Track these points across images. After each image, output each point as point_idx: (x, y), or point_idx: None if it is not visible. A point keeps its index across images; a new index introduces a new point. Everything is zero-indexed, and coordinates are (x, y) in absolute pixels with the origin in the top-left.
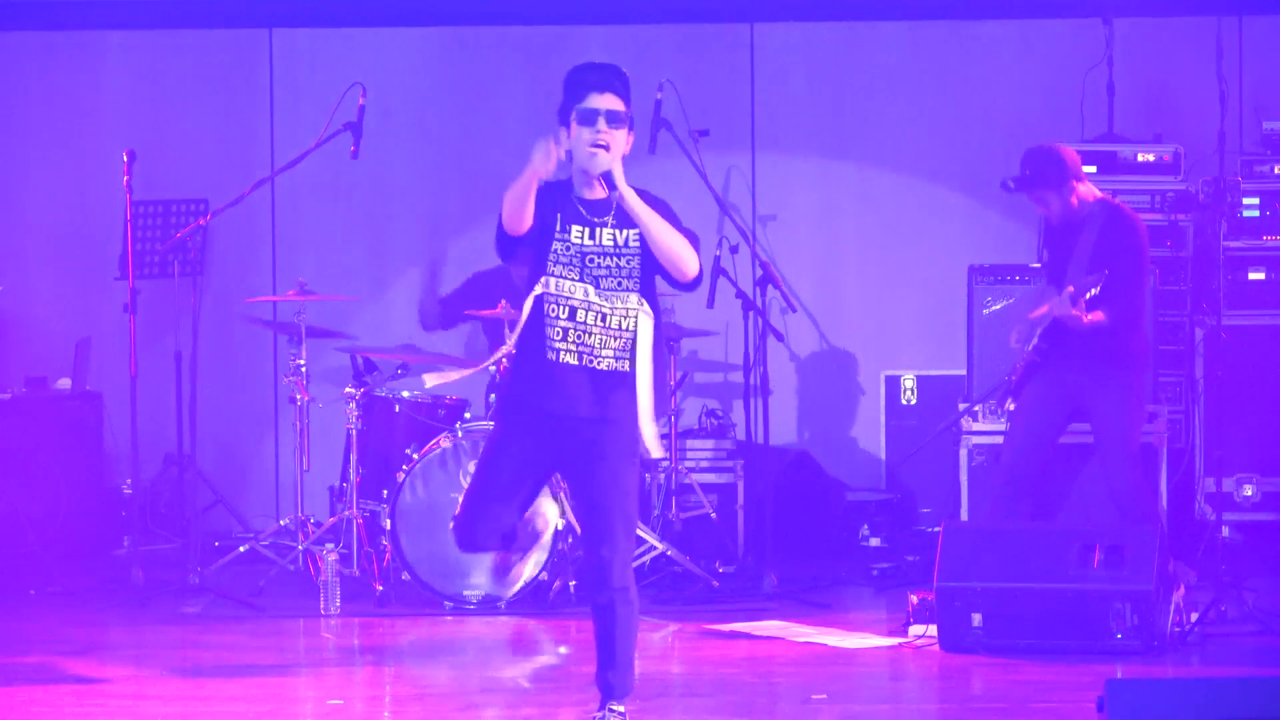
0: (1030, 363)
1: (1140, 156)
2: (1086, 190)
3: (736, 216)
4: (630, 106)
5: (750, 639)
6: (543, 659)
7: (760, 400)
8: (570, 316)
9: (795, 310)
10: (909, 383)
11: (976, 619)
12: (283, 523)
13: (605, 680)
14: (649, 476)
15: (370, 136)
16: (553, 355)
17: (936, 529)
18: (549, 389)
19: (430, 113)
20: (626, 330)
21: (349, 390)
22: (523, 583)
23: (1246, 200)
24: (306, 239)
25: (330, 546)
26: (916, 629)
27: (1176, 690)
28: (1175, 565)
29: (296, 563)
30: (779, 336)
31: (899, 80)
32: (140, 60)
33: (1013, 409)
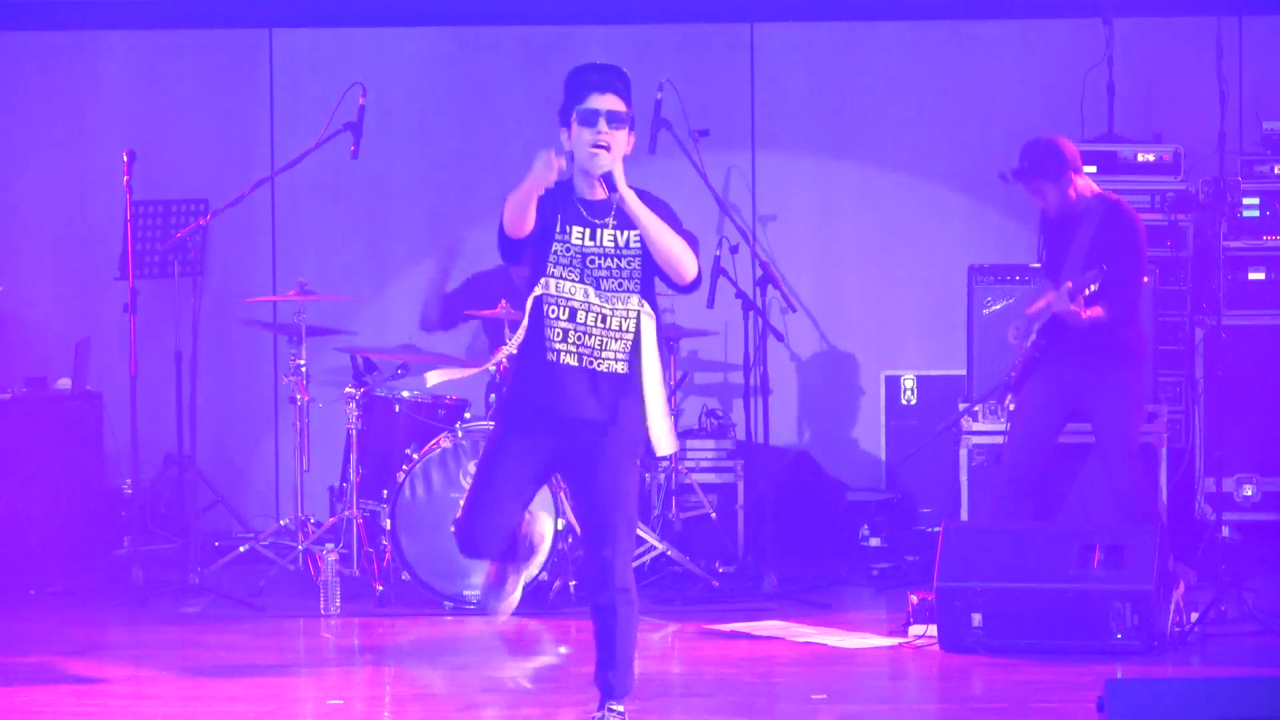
0: (1029, 359)
1: (1140, 156)
2: (1084, 184)
3: (736, 216)
4: (631, 107)
5: (750, 639)
6: (543, 659)
7: (760, 400)
8: (570, 318)
9: (795, 310)
10: (909, 383)
11: (976, 619)
12: (283, 523)
13: (605, 680)
14: (649, 476)
15: (370, 136)
16: (553, 356)
17: (936, 529)
18: (549, 390)
19: (430, 113)
20: (627, 331)
21: (349, 390)
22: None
23: (1246, 200)
24: (306, 239)
25: (330, 546)
26: (916, 629)
27: (1176, 690)
28: (1175, 564)
29: (296, 563)
30: (779, 336)
31: (899, 80)
32: (140, 60)
33: (1013, 408)
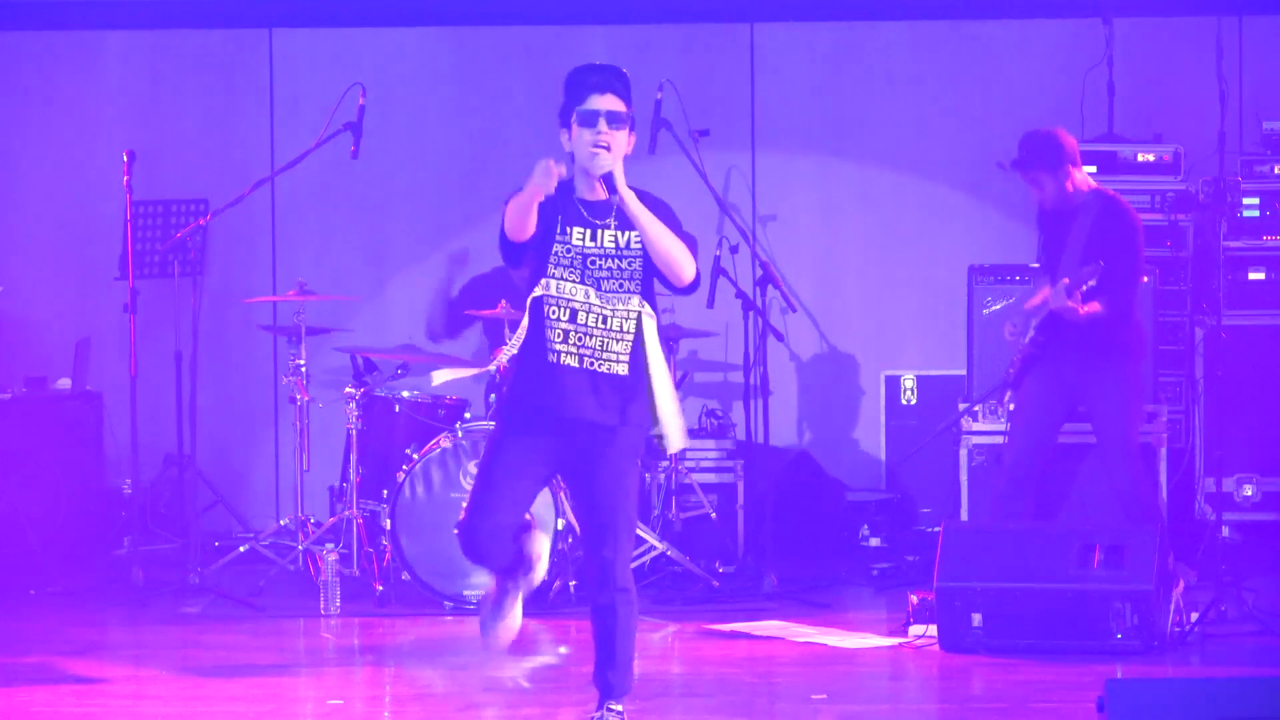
0: (1028, 355)
1: (1140, 156)
2: (1082, 178)
3: (736, 216)
4: (631, 107)
5: (750, 639)
6: (543, 659)
7: (760, 400)
8: (571, 318)
9: (795, 310)
10: (909, 383)
11: (976, 619)
12: (283, 523)
13: (604, 680)
14: (649, 476)
15: (370, 136)
16: (553, 357)
17: (936, 529)
18: (550, 391)
19: (430, 113)
20: (628, 332)
21: (349, 390)
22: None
23: (1246, 200)
24: (306, 239)
25: (330, 546)
26: (916, 629)
27: (1176, 690)
28: (1175, 563)
29: (296, 563)
30: (779, 336)
31: (899, 80)
32: (140, 60)
33: (1012, 408)
